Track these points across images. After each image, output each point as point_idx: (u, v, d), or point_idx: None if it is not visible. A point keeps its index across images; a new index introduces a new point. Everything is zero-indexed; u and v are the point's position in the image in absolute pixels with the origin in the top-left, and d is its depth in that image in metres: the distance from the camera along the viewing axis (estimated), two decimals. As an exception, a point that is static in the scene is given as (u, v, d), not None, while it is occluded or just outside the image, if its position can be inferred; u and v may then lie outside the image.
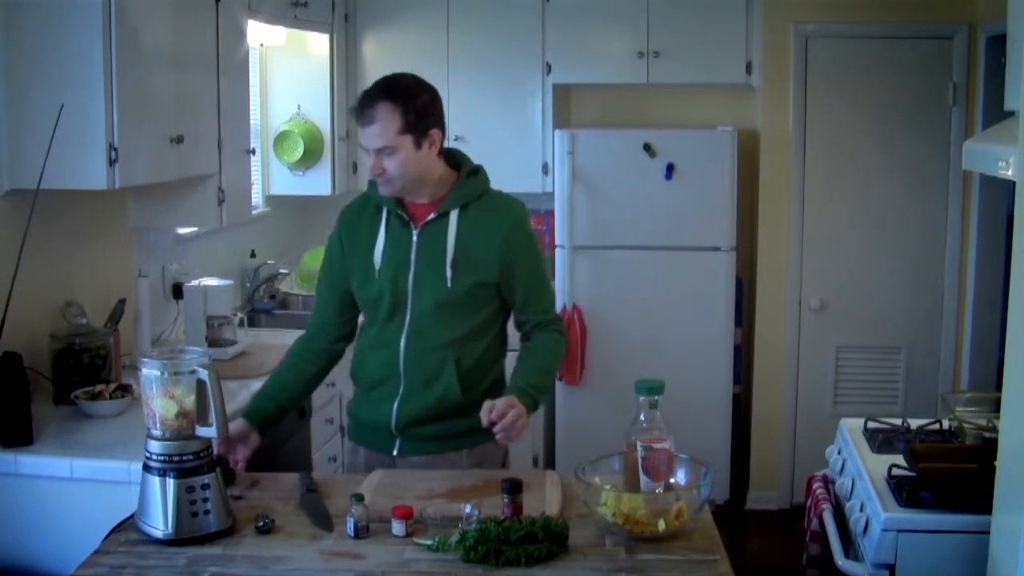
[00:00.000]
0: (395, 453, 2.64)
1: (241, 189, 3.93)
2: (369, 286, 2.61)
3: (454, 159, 2.65)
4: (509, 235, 2.59)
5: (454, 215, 2.57)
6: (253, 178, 4.32)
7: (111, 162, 2.93)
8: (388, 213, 2.61)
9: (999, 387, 2.35)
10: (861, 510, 2.64)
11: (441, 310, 2.57)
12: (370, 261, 2.60)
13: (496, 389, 2.60)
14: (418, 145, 2.50)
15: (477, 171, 2.66)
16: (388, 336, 2.62)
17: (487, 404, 2.42)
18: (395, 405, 2.61)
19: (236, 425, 2.55)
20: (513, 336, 2.76)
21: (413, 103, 2.49)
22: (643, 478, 2.22)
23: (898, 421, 3.13)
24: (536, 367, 2.64)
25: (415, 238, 2.58)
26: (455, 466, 2.60)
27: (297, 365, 2.75)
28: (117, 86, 2.93)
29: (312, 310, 2.82)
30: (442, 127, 2.57)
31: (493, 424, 2.38)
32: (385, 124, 2.47)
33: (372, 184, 2.64)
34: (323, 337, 2.75)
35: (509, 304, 2.68)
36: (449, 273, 2.55)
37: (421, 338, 2.59)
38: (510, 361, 2.69)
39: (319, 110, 4.91)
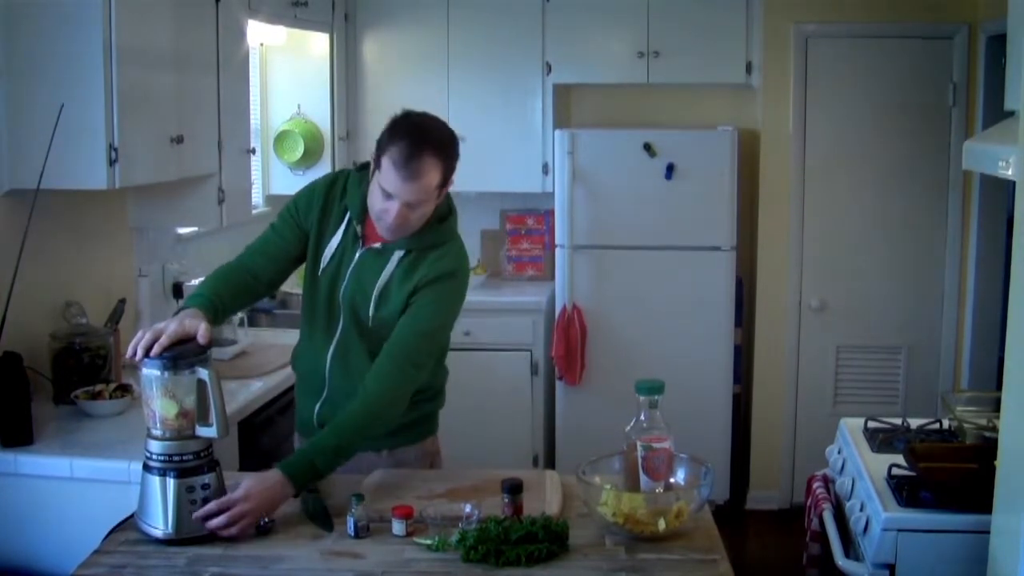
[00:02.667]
0: None
1: (241, 189, 3.93)
2: (314, 284, 2.58)
3: None
4: (422, 284, 2.46)
5: (396, 255, 2.50)
6: (253, 178, 4.32)
7: (111, 162, 2.93)
8: (349, 220, 2.55)
9: (999, 387, 2.35)
10: (861, 510, 2.64)
11: (364, 333, 2.53)
12: (320, 258, 2.56)
13: (414, 397, 2.51)
14: (440, 196, 2.46)
15: (446, 217, 2.55)
16: (318, 341, 2.60)
17: (240, 489, 2.21)
18: (317, 406, 2.61)
19: (183, 317, 2.29)
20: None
21: (452, 157, 2.42)
22: (643, 478, 2.22)
23: (898, 421, 3.13)
24: (338, 428, 2.36)
25: (356, 257, 2.53)
26: (374, 464, 2.58)
27: (236, 282, 2.55)
28: (117, 86, 2.93)
29: (257, 245, 2.62)
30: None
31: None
32: (429, 180, 2.36)
33: (353, 180, 2.55)
34: (255, 272, 2.58)
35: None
36: (371, 310, 2.50)
37: (347, 353, 2.56)
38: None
39: (319, 110, 4.91)
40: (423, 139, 2.36)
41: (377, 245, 2.52)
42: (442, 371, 2.72)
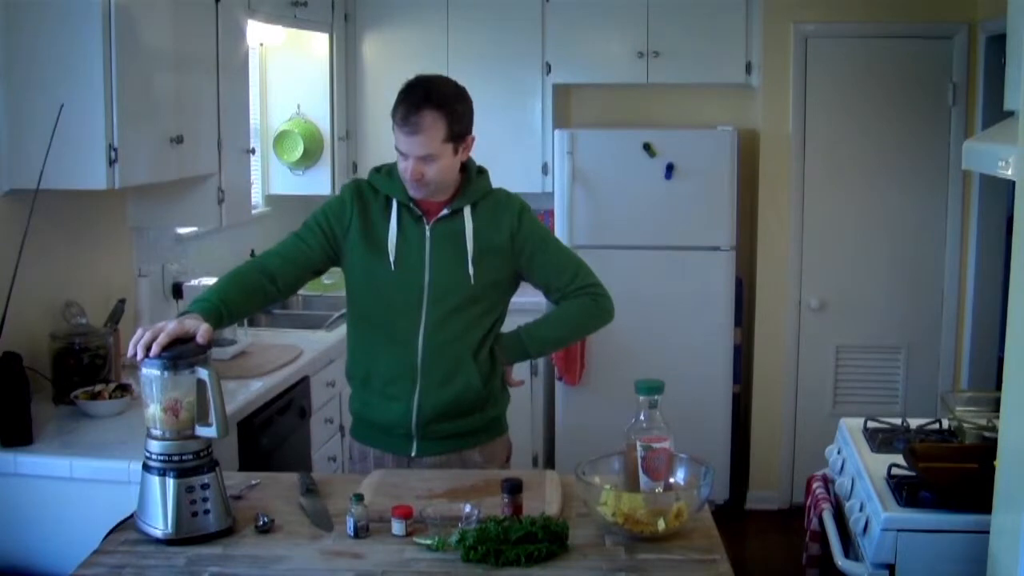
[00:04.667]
0: (413, 454, 2.63)
1: (241, 189, 3.93)
2: (382, 279, 2.57)
3: None
4: (515, 225, 2.60)
5: (467, 212, 2.58)
6: (253, 178, 4.32)
7: (111, 162, 2.93)
8: (399, 206, 2.58)
9: (999, 387, 2.35)
10: (861, 510, 2.64)
11: (458, 305, 2.56)
12: (382, 253, 2.56)
13: (496, 392, 2.67)
14: (456, 152, 2.52)
15: (482, 171, 2.68)
16: (400, 332, 2.58)
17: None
18: (414, 403, 2.58)
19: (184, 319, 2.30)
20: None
21: (457, 111, 2.49)
22: (643, 478, 2.22)
23: (898, 421, 3.13)
24: (550, 318, 2.73)
25: (428, 234, 2.57)
26: (467, 465, 2.61)
27: (250, 288, 2.55)
28: (117, 86, 2.93)
29: (282, 249, 2.65)
30: (472, 130, 2.58)
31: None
32: (431, 133, 2.45)
33: (377, 177, 2.61)
34: (273, 275, 2.58)
35: (537, 287, 2.70)
36: (472, 270, 2.55)
37: (439, 333, 2.56)
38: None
39: (319, 110, 4.91)
40: (421, 95, 2.46)
41: (445, 211, 2.56)
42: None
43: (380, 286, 2.59)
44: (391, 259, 2.56)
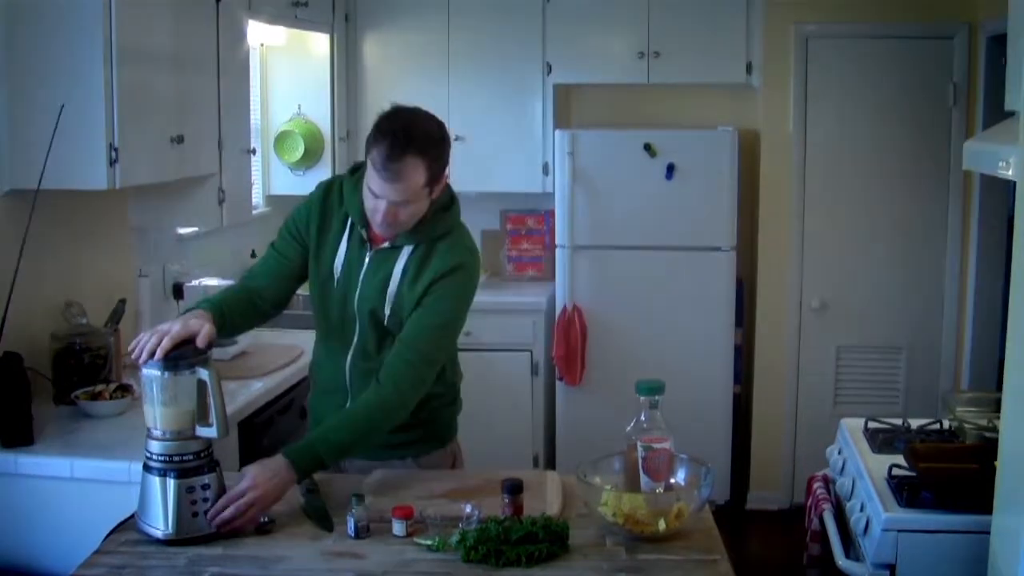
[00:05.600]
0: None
1: (241, 189, 3.93)
2: (326, 293, 2.56)
3: None
4: (434, 280, 2.45)
5: (406, 251, 2.49)
6: (253, 178, 4.32)
7: (111, 162, 2.93)
8: (352, 225, 2.53)
9: (999, 387, 2.35)
10: (861, 510, 2.64)
11: (383, 335, 2.52)
12: (329, 268, 2.54)
13: (434, 403, 2.57)
14: (430, 193, 2.42)
15: (448, 206, 2.53)
16: (335, 349, 2.59)
17: (245, 476, 2.23)
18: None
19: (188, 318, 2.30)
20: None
21: (439, 155, 2.39)
22: (643, 478, 2.22)
23: (898, 421, 3.13)
24: (344, 420, 2.40)
25: (367, 260, 2.52)
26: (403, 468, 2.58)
27: (242, 299, 2.55)
28: (117, 86, 2.93)
29: (259, 267, 2.64)
30: (447, 169, 2.47)
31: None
32: (411, 180, 2.33)
33: (348, 183, 2.53)
34: (260, 293, 2.58)
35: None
36: (387, 309, 2.48)
37: (365, 359, 2.54)
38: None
39: (319, 110, 4.91)
40: (404, 140, 2.31)
41: (385, 244, 2.50)
42: (458, 374, 2.72)
43: (325, 300, 2.57)
44: (336, 276, 2.54)
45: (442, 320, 2.46)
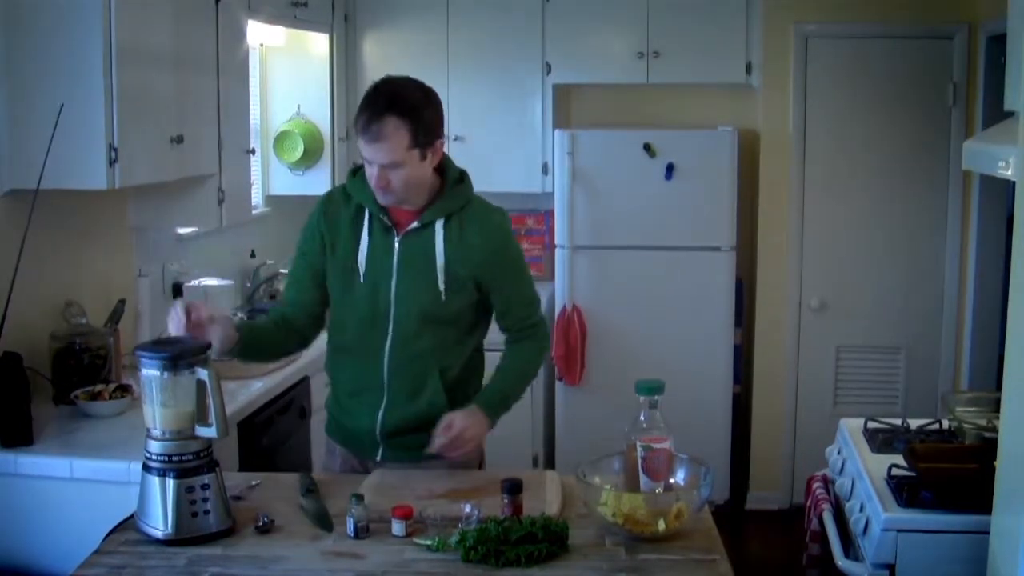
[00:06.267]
0: (377, 459, 2.62)
1: (241, 189, 3.93)
2: (352, 290, 2.55)
3: (439, 163, 2.57)
4: (490, 247, 2.53)
5: (439, 225, 2.51)
6: (253, 178, 4.32)
7: (111, 162, 2.93)
8: (371, 216, 2.54)
9: (999, 387, 2.35)
10: (861, 510, 2.64)
11: (426, 320, 2.52)
12: (352, 263, 2.54)
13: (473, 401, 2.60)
14: (423, 157, 2.44)
15: (461, 179, 2.59)
16: (369, 343, 2.56)
17: (446, 419, 2.47)
18: (379, 415, 2.57)
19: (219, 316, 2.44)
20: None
21: (421, 117, 2.41)
22: (643, 478, 2.22)
23: (898, 421, 3.13)
24: (515, 372, 2.65)
25: (397, 245, 2.52)
26: (437, 467, 2.57)
27: (273, 336, 2.64)
28: (117, 86, 2.93)
29: (286, 294, 2.71)
30: (443, 136, 2.51)
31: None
32: (394, 142, 2.37)
33: (353, 182, 2.57)
34: (300, 317, 2.65)
35: (491, 308, 2.64)
36: (442, 287, 2.50)
37: (406, 348, 2.53)
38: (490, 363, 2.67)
39: (319, 110, 4.90)
40: (385, 103, 2.39)
41: (414, 224, 2.51)
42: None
43: (350, 298, 2.56)
44: (361, 271, 2.54)
45: (526, 273, 2.67)
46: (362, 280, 2.53)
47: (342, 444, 2.70)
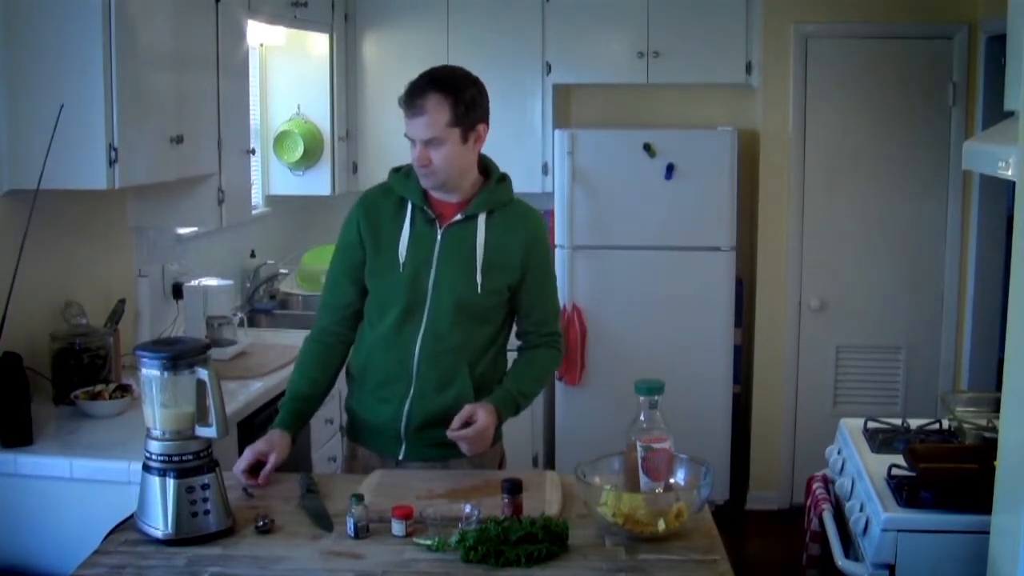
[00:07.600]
0: (400, 457, 2.62)
1: (241, 189, 3.93)
2: (389, 280, 2.56)
3: (482, 163, 2.63)
4: (530, 244, 2.59)
5: (482, 219, 2.55)
6: (253, 178, 4.32)
7: (111, 162, 2.93)
8: (413, 208, 2.57)
9: (999, 387, 2.35)
10: (861, 510, 2.64)
11: (460, 313, 2.54)
12: (392, 255, 2.56)
13: None
14: (465, 139, 2.50)
15: (504, 178, 2.65)
16: (401, 335, 2.57)
17: (468, 409, 2.47)
18: (406, 407, 2.58)
19: (269, 438, 2.53)
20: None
21: (463, 95, 2.50)
22: (643, 478, 2.22)
23: (898, 421, 3.13)
24: (531, 376, 2.67)
25: (439, 237, 2.55)
26: (460, 467, 2.58)
27: (323, 360, 2.69)
28: (117, 86, 2.93)
29: (323, 298, 2.72)
30: (487, 122, 2.56)
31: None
32: (435, 115, 2.45)
33: (396, 178, 2.61)
34: (340, 324, 2.68)
35: (514, 308, 2.67)
36: (479, 279, 2.53)
37: (438, 340, 2.55)
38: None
39: (319, 110, 4.90)
40: (426, 78, 2.52)
41: (458, 217, 2.55)
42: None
43: (387, 286, 2.58)
44: (400, 260, 2.55)
45: (553, 279, 2.76)
46: (402, 269, 2.55)
47: (363, 444, 2.69)
